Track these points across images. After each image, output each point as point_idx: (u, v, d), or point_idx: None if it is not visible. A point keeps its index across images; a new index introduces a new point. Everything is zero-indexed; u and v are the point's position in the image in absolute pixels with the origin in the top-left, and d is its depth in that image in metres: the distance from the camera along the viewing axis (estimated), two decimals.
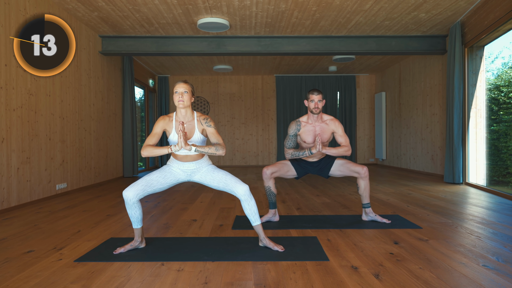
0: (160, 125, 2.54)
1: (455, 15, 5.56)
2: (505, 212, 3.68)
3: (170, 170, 2.61)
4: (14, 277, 2.09)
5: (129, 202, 2.45)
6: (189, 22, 5.78)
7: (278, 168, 3.27)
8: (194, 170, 2.60)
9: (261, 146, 10.36)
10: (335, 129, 3.22)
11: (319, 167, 3.31)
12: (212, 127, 2.56)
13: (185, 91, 2.49)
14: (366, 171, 3.18)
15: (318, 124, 3.21)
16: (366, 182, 3.21)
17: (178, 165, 2.60)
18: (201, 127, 2.56)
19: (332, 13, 5.45)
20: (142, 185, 2.48)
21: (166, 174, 2.58)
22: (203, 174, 2.61)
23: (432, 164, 7.29)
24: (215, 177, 2.58)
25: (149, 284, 1.97)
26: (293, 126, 3.23)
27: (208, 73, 9.89)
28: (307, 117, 3.25)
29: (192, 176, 2.63)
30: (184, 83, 2.52)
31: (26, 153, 4.38)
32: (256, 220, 2.54)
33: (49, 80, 4.86)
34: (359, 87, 10.42)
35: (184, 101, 2.48)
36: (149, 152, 2.43)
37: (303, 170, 3.33)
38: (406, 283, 1.94)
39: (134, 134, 7.49)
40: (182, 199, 4.66)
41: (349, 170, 3.23)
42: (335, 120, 3.25)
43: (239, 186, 2.51)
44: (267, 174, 3.23)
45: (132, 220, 2.52)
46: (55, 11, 4.97)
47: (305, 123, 3.23)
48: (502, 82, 5.74)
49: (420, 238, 2.77)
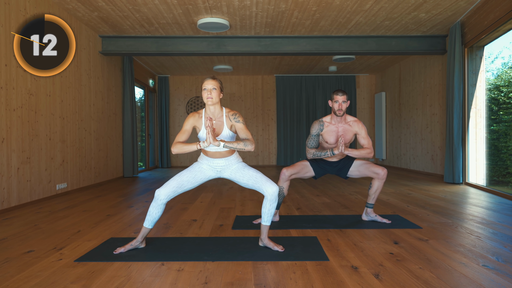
0: (190, 122, 2.53)
1: (455, 15, 5.56)
2: (505, 212, 3.68)
3: (200, 167, 2.60)
4: (14, 277, 2.09)
5: (159, 201, 2.47)
6: (189, 22, 5.78)
7: (298, 170, 3.24)
8: (224, 167, 2.60)
9: (261, 146, 10.36)
10: (358, 131, 3.20)
11: (338, 167, 3.28)
12: (241, 123, 2.53)
13: (213, 88, 2.47)
14: (385, 173, 3.15)
15: (341, 125, 3.19)
16: (381, 184, 3.20)
17: (208, 161, 2.59)
18: (230, 123, 2.54)
19: (332, 13, 5.45)
20: (174, 186, 2.49)
21: (196, 173, 2.58)
22: (233, 171, 2.60)
23: (432, 164, 7.29)
24: (245, 174, 2.57)
25: (149, 284, 1.97)
26: (316, 125, 3.20)
27: (208, 73, 9.89)
28: (330, 117, 3.22)
29: (222, 172, 2.62)
30: (213, 79, 2.49)
31: (26, 153, 4.38)
32: (268, 221, 2.54)
33: (49, 80, 4.86)
34: (359, 87, 10.42)
35: (213, 97, 2.46)
36: (179, 149, 2.42)
37: (322, 170, 3.30)
38: (406, 283, 1.94)
39: (134, 134, 7.49)
40: (182, 199, 4.66)
41: (369, 171, 3.20)
42: (359, 122, 3.23)
43: (269, 186, 2.50)
44: (286, 176, 3.20)
45: (149, 218, 2.52)
46: (55, 11, 4.97)
47: (328, 123, 3.20)
48: (502, 82, 5.74)
49: (420, 238, 2.78)
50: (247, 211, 3.90)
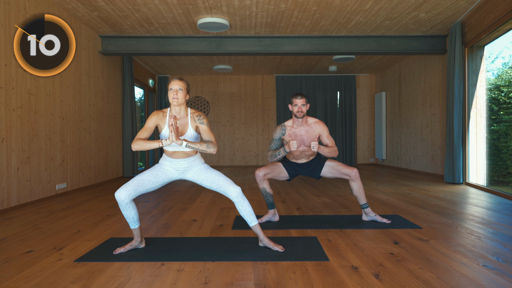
0: (153, 120, 2.51)
1: (455, 15, 5.55)
2: (505, 212, 3.67)
3: (162, 168, 2.57)
4: (14, 277, 2.09)
5: (122, 203, 2.41)
6: (189, 22, 5.78)
7: (270, 170, 3.28)
8: (186, 168, 2.57)
9: (261, 146, 10.35)
10: (320, 132, 3.20)
11: (310, 169, 3.32)
12: (205, 124, 2.53)
13: (180, 89, 2.46)
14: (356, 173, 3.18)
15: (303, 128, 3.21)
16: (358, 183, 3.21)
17: (170, 162, 2.56)
18: (195, 124, 2.53)
19: (332, 13, 5.45)
20: (134, 185, 2.44)
21: (157, 173, 2.55)
22: (196, 172, 2.58)
23: (432, 164, 7.28)
24: (208, 177, 2.56)
25: (149, 284, 1.97)
26: (278, 130, 3.23)
27: (208, 73, 9.89)
28: (292, 121, 3.24)
29: (184, 174, 2.60)
30: (179, 80, 2.49)
31: (26, 153, 4.38)
32: (253, 221, 2.53)
33: (49, 80, 4.86)
34: (359, 87, 10.42)
35: (179, 98, 2.45)
36: (140, 145, 2.40)
37: (294, 171, 3.34)
38: (406, 283, 1.94)
39: (134, 134, 7.48)
40: (182, 199, 4.66)
41: (340, 173, 3.23)
42: (320, 123, 3.24)
43: (231, 188, 2.49)
44: (260, 176, 3.24)
45: (128, 221, 2.51)
46: (55, 11, 4.97)
47: (290, 127, 3.22)
48: (502, 82, 5.74)
49: (420, 238, 2.77)
50: None
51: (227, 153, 10.32)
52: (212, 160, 10.14)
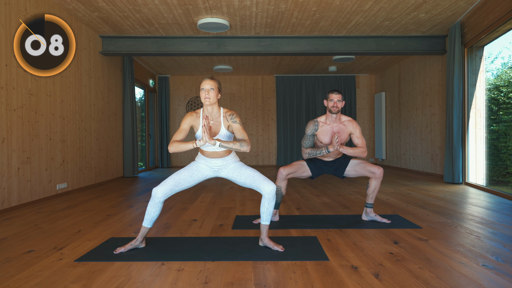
0: (187, 121, 2.54)
1: (455, 15, 5.56)
2: (504, 212, 3.68)
3: (197, 167, 2.62)
4: (15, 277, 2.09)
5: (156, 200, 2.48)
6: (189, 22, 5.78)
7: (295, 169, 3.26)
8: (221, 167, 2.61)
9: (261, 146, 10.36)
10: (352, 131, 3.22)
11: (335, 167, 3.30)
12: (238, 123, 2.54)
13: (211, 88, 2.48)
14: (381, 172, 3.18)
15: (336, 125, 3.21)
16: (378, 183, 3.22)
17: (205, 161, 2.60)
18: (227, 123, 2.54)
19: (332, 13, 5.45)
20: (171, 184, 2.50)
21: (193, 172, 2.59)
22: (231, 170, 2.62)
23: (431, 164, 7.29)
24: (242, 174, 2.58)
25: (150, 284, 1.97)
26: (311, 125, 3.21)
27: (208, 73, 9.89)
28: (325, 117, 3.23)
29: (219, 172, 2.63)
30: (211, 79, 2.50)
31: (26, 153, 4.39)
32: (267, 220, 2.56)
33: (49, 80, 4.87)
34: (359, 87, 10.42)
35: (211, 98, 2.47)
36: (176, 147, 2.42)
37: (318, 170, 3.32)
38: (406, 282, 1.95)
39: (134, 134, 7.49)
40: (182, 199, 4.66)
41: (365, 170, 3.22)
42: (353, 121, 3.25)
43: (267, 184, 2.52)
44: (283, 175, 3.21)
45: (147, 217, 2.53)
46: (55, 11, 4.98)
47: (323, 123, 3.21)
48: (502, 82, 5.74)
49: (420, 238, 2.78)
50: (247, 211, 3.91)
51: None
52: None
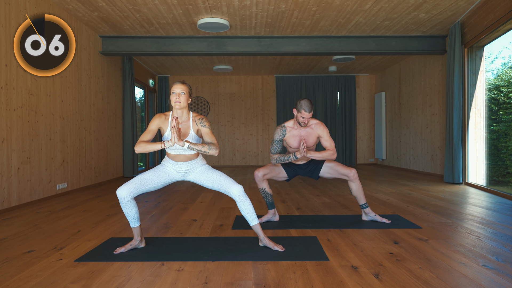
0: (155, 123, 2.53)
1: (455, 15, 5.56)
2: (504, 212, 3.68)
3: (164, 169, 2.59)
4: (14, 277, 2.09)
5: (123, 200, 2.44)
6: (189, 22, 5.78)
7: (270, 170, 3.29)
8: (188, 171, 2.60)
9: (261, 146, 10.36)
10: (320, 133, 3.20)
11: (308, 169, 3.33)
12: (207, 127, 2.55)
13: (182, 92, 2.48)
14: (354, 173, 3.19)
15: (303, 129, 3.21)
16: (357, 183, 3.22)
17: (172, 165, 2.59)
18: (196, 127, 2.55)
19: (332, 13, 5.45)
20: (136, 183, 2.47)
21: (160, 173, 2.57)
22: (198, 174, 2.60)
23: (432, 164, 7.29)
24: (209, 177, 2.57)
25: (149, 284, 1.97)
26: (279, 131, 3.22)
27: (208, 73, 9.90)
28: (293, 121, 3.23)
29: (186, 176, 2.62)
30: (182, 84, 2.51)
31: (26, 153, 4.38)
32: (254, 220, 2.54)
33: (49, 80, 4.87)
34: (359, 87, 10.42)
35: (181, 102, 2.47)
36: (143, 148, 2.41)
37: (293, 172, 3.35)
38: (406, 283, 1.94)
39: (134, 134, 7.49)
40: (182, 199, 4.66)
41: (338, 173, 3.24)
42: (321, 124, 3.24)
43: (233, 187, 2.51)
44: (259, 176, 3.24)
45: (129, 219, 2.52)
46: (55, 11, 4.97)
47: (291, 128, 3.21)
48: (502, 82, 5.74)
49: (420, 238, 2.78)
50: None
51: (227, 153, 10.33)
52: (212, 160, 10.14)
